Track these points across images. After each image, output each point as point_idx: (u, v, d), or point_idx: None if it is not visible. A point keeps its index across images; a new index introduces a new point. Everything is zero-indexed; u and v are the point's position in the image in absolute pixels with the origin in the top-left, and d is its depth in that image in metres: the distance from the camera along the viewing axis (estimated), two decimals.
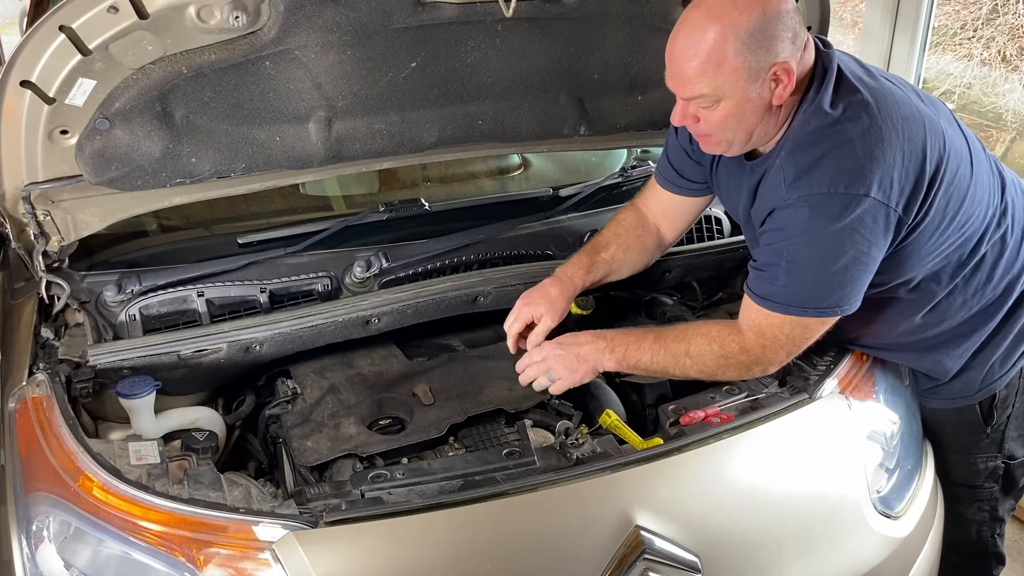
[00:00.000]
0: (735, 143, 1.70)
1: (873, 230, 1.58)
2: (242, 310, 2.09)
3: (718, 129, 1.66)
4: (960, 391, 1.93)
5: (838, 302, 1.65)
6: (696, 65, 1.57)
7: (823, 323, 1.70)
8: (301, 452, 1.83)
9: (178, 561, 1.49)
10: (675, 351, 1.77)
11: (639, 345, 1.80)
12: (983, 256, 1.78)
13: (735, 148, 1.72)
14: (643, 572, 1.56)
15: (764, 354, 1.72)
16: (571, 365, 1.83)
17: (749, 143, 1.70)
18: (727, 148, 1.72)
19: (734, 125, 1.64)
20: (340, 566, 1.51)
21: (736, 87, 1.57)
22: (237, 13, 1.67)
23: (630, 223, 2.08)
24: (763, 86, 1.58)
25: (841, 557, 1.78)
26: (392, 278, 2.19)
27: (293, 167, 2.00)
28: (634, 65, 2.16)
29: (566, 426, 1.96)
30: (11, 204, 1.86)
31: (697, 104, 1.63)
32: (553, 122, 2.18)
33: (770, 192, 1.67)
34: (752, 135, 1.68)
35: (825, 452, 1.82)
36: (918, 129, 1.61)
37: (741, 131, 1.66)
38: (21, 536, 1.55)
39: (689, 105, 1.65)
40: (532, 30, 1.97)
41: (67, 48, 1.61)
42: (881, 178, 1.56)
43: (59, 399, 1.69)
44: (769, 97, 1.60)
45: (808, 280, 1.63)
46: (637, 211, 2.10)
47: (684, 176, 2.01)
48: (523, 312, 1.92)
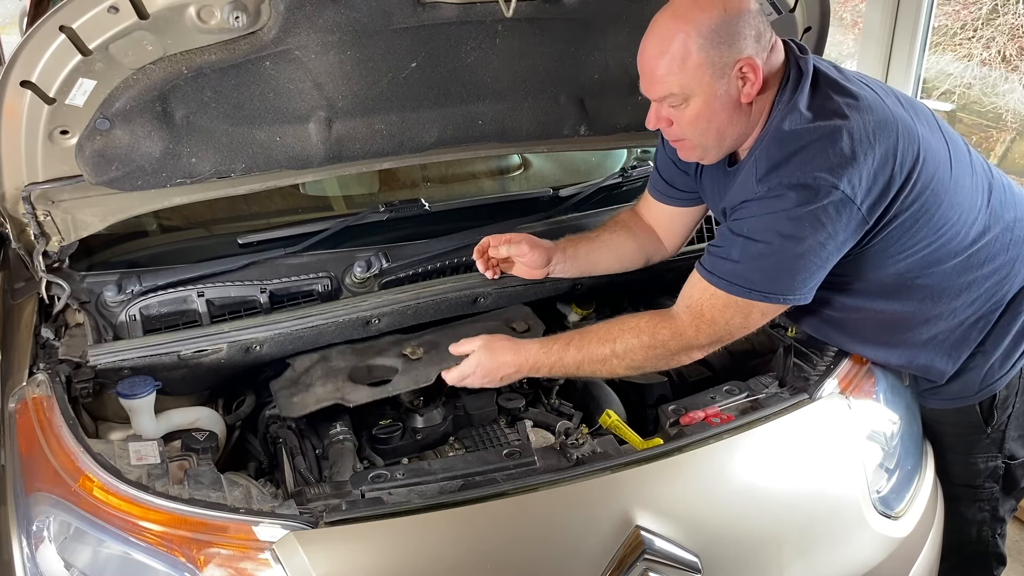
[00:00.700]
0: (709, 148, 1.72)
1: (836, 222, 1.59)
2: (242, 310, 2.09)
3: (690, 130, 1.68)
4: (960, 392, 1.93)
5: (787, 290, 1.65)
6: (663, 64, 1.61)
7: (765, 313, 1.70)
8: (287, 407, 1.83)
9: (178, 561, 1.49)
10: (600, 355, 1.75)
11: (562, 359, 1.77)
12: (969, 259, 1.77)
13: (711, 154, 1.74)
14: (643, 572, 1.56)
15: (696, 337, 1.71)
16: (489, 374, 1.81)
17: (723, 147, 1.73)
18: (703, 154, 1.75)
19: (704, 125, 1.66)
20: (340, 566, 1.51)
21: (702, 84, 1.61)
22: (237, 13, 1.67)
23: (623, 217, 2.12)
24: (730, 83, 1.61)
25: (841, 557, 1.78)
26: (392, 278, 2.19)
27: (293, 167, 2.00)
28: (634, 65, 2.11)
29: (566, 426, 1.96)
30: (11, 204, 1.86)
31: (668, 104, 1.66)
32: (553, 122, 2.18)
33: (741, 187, 1.68)
34: (725, 137, 1.70)
35: (825, 452, 1.82)
36: (891, 133, 1.63)
37: (712, 132, 1.68)
38: (21, 536, 1.55)
39: (662, 107, 1.68)
40: (532, 30, 1.97)
41: (67, 48, 1.61)
42: (850, 176, 1.57)
43: (59, 399, 1.69)
44: (737, 95, 1.63)
45: (761, 259, 1.63)
46: (635, 213, 2.13)
47: (674, 187, 2.03)
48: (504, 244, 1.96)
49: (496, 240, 1.97)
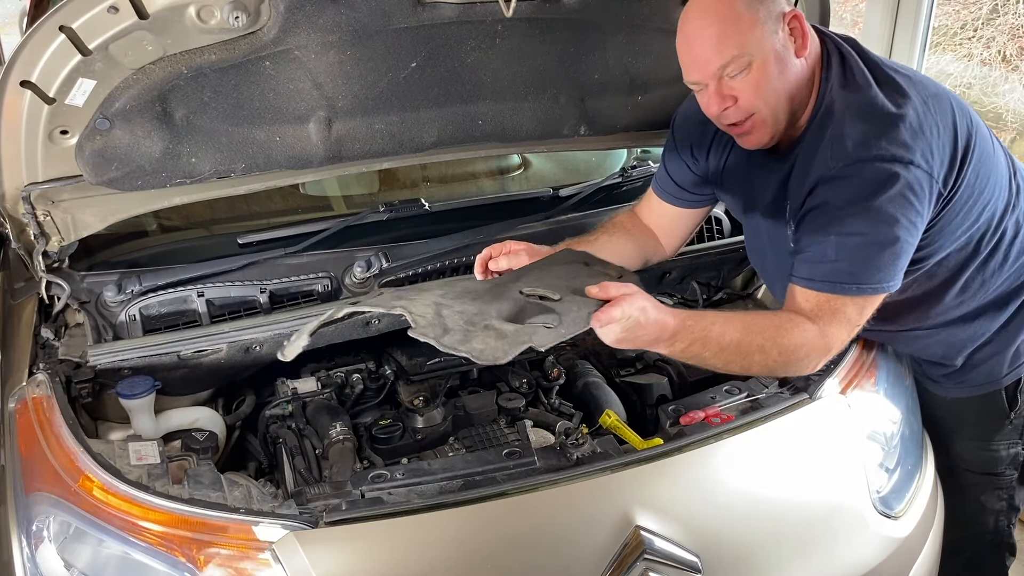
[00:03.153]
0: (779, 117, 1.65)
1: (920, 199, 1.57)
2: (242, 310, 2.09)
3: (758, 97, 1.61)
4: (986, 377, 1.92)
5: (888, 277, 1.60)
6: (716, 33, 1.57)
7: (871, 302, 1.64)
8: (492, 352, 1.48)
9: (178, 561, 1.49)
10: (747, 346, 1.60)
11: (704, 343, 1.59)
12: (1003, 235, 1.77)
13: (779, 126, 1.67)
14: (643, 572, 1.55)
15: (825, 342, 1.62)
16: (638, 333, 1.52)
17: (786, 116, 1.66)
18: (772, 129, 1.67)
19: (770, 88, 1.61)
20: (340, 566, 1.51)
21: (761, 40, 1.57)
22: (237, 13, 1.67)
23: (622, 219, 2.10)
24: (783, 37, 1.59)
25: (841, 557, 1.78)
26: (392, 278, 2.19)
27: (293, 167, 2.00)
28: (634, 65, 2.16)
29: (566, 426, 1.96)
30: (11, 204, 1.86)
31: (729, 76, 1.60)
32: (553, 122, 2.17)
33: (812, 166, 1.63)
34: (792, 102, 1.64)
35: (825, 452, 1.82)
36: (947, 105, 1.63)
37: (780, 96, 1.62)
38: (21, 536, 1.55)
39: (722, 84, 1.61)
40: (532, 30, 1.97)
41: (67, 48, 1.61)
42: (923, 149, 1.56)
43: (59, 399, 1.69)
44: (793, 50, 1.61)
45: (859, 252, 1.58)
46: (632, 213, 2.13)
47: (684, 188, 2.02)
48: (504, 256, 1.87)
49: (496, 252, 1.94)
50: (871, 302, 1.64)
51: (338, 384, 2.13)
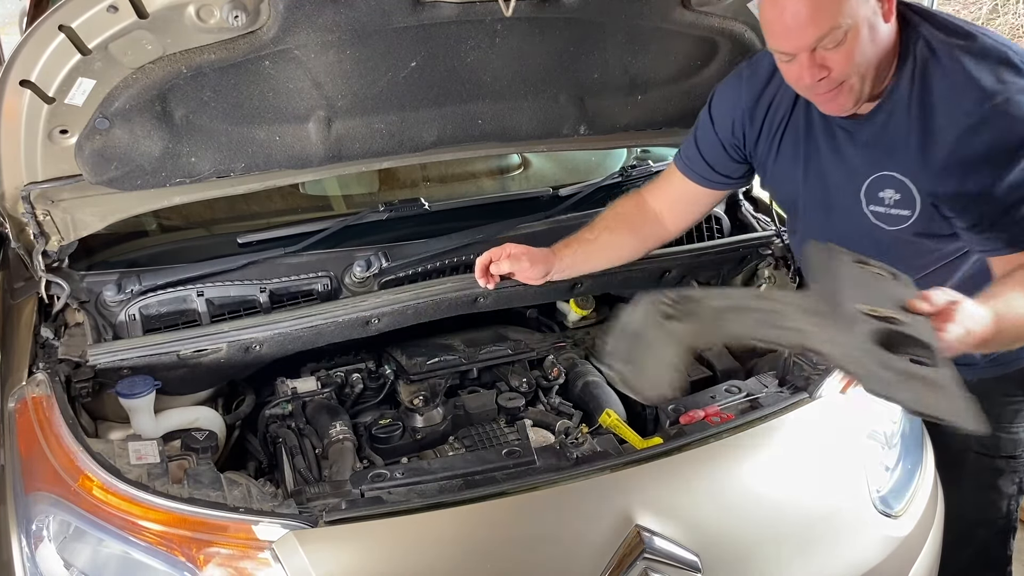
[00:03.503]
0: (867, 81, 1.61)
1: None
2: (242, 310, 2.09)
3: (851, 67, 1.57)
4: (1017, 353, 1.88)
5: None
6: (812, 3, 1.52)
7: None
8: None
9: (178, 560, 1.49)
10: None
11: None
12: None
13: (866, 90, 1.63)
14: (643, 571, 1.55)
15: None
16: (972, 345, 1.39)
17: (876, 78, 1.62)
18: (859, 95, 1.63)
19: (863, 57, 1.57)
20: (340, 565, 1.50)
21: (856, 8, 1.53)
22: (236, 12, 1.67)
23: (625, 210, 2.07)
24: (874, 3, 1.55)
25: (841, 556, 1.78)
26: (392, 278, 2.19)
27: (293, 167, 2.00)
28: (634, 65, 2.16)
29: (566, 425, 1.96)
30: (11, 204, 1.86)
31: (823, 46, 1.55)
32: (553, 122, 2.17)
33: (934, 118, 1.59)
34: (880, 64, 1.60)
35: (825, 451, 1.82)
36: None
37: (872, 63, 1.58)
38: (21, 536, 1.55)
39: (815, 55, 1.57)
40: (532, 30, 1.97)
41: (67, 47, 1.61)
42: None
43: (59, 399, 1.69)
44: (881, 16, 1.57)
45: None
46: (638, 199, 2.08)
47: (715, 169, 1.97)
48: (505, 260, 1.91)
49: (497, 255, 1.93)
50: None
51: (338, 384, 2.13)
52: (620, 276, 2.26)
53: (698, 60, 2.17)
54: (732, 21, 2.06)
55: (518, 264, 1.91)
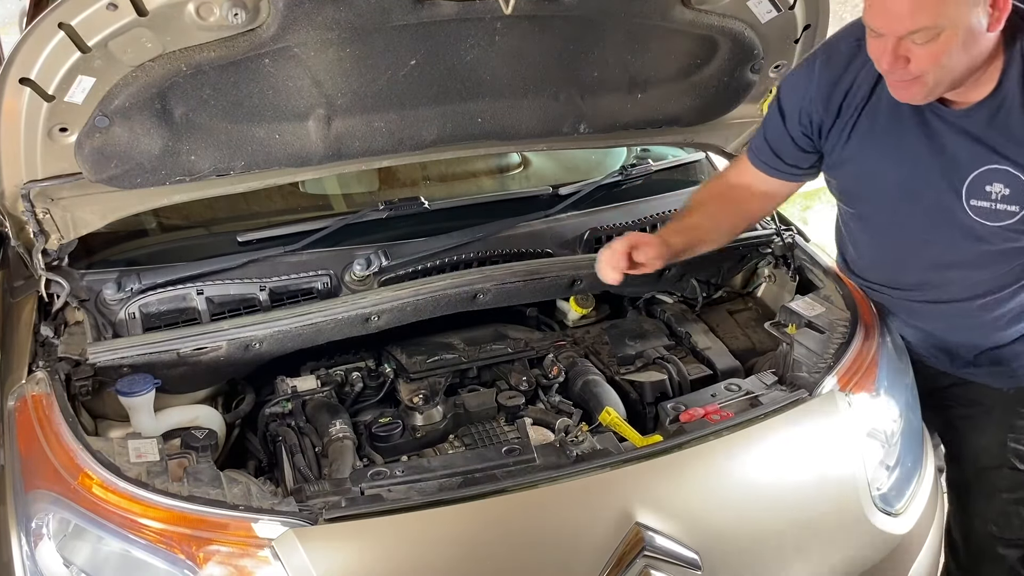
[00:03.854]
0: (942, 83, 1.59)
1: None
2: (242, 308, 2.09)
3: (932, 66, 1.55)
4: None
5: None
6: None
7: None
8: None
9: (178, 558, 1.49)
10: None
11: None
12: None
13: (937, 91, 1.61)
14: (643, 569, 1.55)
15: None
16: None
17: (955, 82, 1.60)
18: (928, 93, 1.61)
19: (949, 60, 1.54)
20: (340, 563, 1.51)
21: (959, 14, 1.49)
22: (236, 10, 1.67)
23: (718, 191, 2.05)
24: (982, 10, 1.50)
25: (841, 554, 1.78)
26: (392, 276, 2.19)
27: (293, 165, 2.00)
28: (634, 63, 2.15)
29: (566, 424, 1.96)
30: (10, 202, 1.86)
31: (912, 40, 1.52)
32: (553, 120, 2.17)
33: None
34: (966, 70, 1.58)
35: (825, 449, 1.81)
36: None
37: (955, 67, 1.56)
38: (21, 534, 1.55)
39: (901, 44, 1.53)
40: (531, 28, 1.97)
41: (66, 45, 1.61)
42: None
43: (59, 397, 1.69)
44: (986, 24, 1.52)
45: None
46: (726, 182, 2.07)
47: (782, 158, 1.94)
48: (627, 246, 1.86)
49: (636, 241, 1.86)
50: None
51: (338, 382, 2.13)
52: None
53: (698, 58, 2.17)
54: (732, 19, 2.06)
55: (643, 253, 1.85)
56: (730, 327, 2.37)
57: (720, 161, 2.64)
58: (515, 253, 2.30)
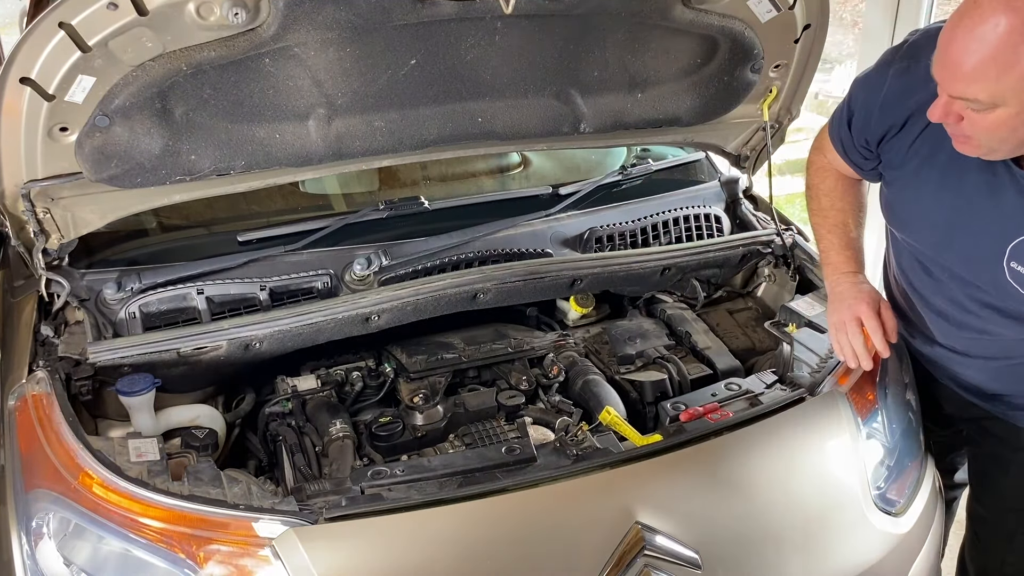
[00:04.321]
0: (998, 150, 1.50)
1: None
2: (242, 308, 2.09)
3: (984, 135, 1.45)
4: None
5: None
6: (977, 63, 1.35)
7: None
8: None
9: (178, 558, 1.49)
10: None
11: None
12: None
13: (998, 154, 1.51)
14: (643, 568, 1.56)
15: None
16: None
17: (1016, 152, 1.50)
18: (987, 152, 1.51)
19: (1006, 135, 1.43)
20: (340, 562, 1.51)
21: (1019, 95, 1.36)
22: (236, 10, 1.67)
23: (840, 186, 1.93)
24: None
25: (841, 554, 1.78)
26: (392, 276, 2.19)
27: (293, 165, 2.00)
28: (634, 63, 2.16)
29: (566, 423, 1.96)
30: (11, 202, 1.86)
31: (966, 105, 1.42)
32: (553, 120, 2.17)
33: None
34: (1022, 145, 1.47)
35: (825, 449, 1.82)
36: None
37: (1012, 141, 1.45)
38: (21, 533, 1.55)
39: (955, 103, 1.44)
40: (532, 27, 1.97)
41: (66, 45, 1.61)
42: None
43: (59, 396, 1.69)
44: None
45: None
46: (832, 172, 1.95)
47: (850, 157, 1.85)
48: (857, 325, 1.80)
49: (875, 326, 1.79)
50: None
51: (338, 382, 2.13)
52: (620, 273, 2.26)
53: (698, 58, 2.17)
54: (732, 19, 2.06)
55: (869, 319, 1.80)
56: (730, 327, 2.37)
57: (720, 161, 2.64)
58: (515, 253, 2.30)
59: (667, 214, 2.50)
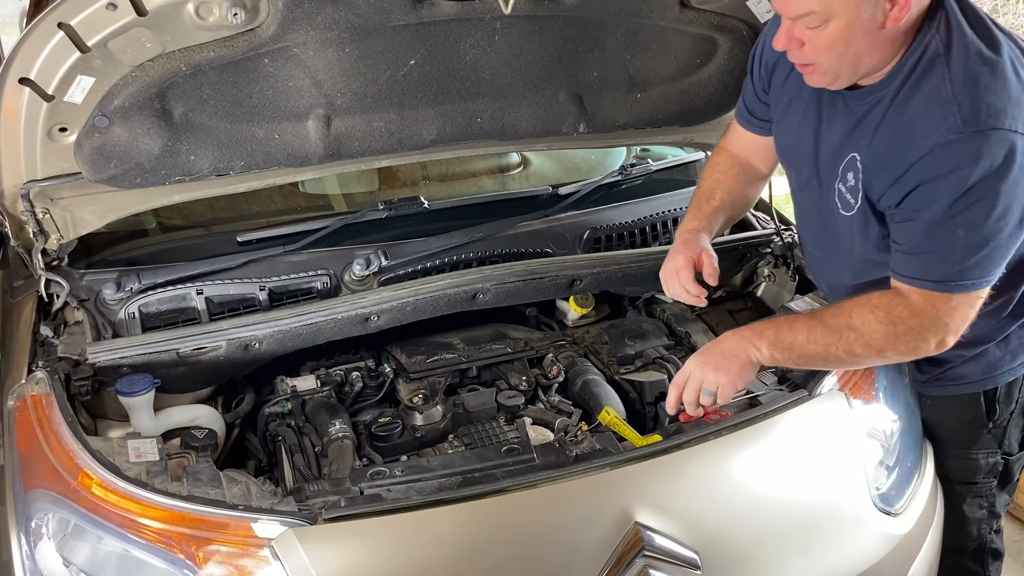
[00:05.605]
0: (842, 74, 1.58)
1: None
2: (241, 308, 2.09)
3: (824, 55, 1.54)
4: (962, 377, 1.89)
5: (1000, 267, 1.55)
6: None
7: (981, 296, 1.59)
8: None
9: (177, 558, 1.49)
10: (835, 325, 1.63)
11: (791, 326, 1.68)
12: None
13: (842, 80, 1.60)
14: (642, 568, 1.55)
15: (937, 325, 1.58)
16: (719, 365, 1.71)
17: (857, 74, 1.58)
18: (833, 80, 1.60)
19: (841, 50, 1.52)
20: (339, 563, 1.50)
21: (847, 4, 1.46)
22: (235, 10, 1.67)
23: (725, 164, 2.02)
24: (876, 6, 1.46)
25: (841, 554, 1.78)
26: (391, 276, 2.19)
27: (292, 165, 2.00)
28: (633, 63, 2.16)
29: (565, 423, 1.96)
30: (10, 202, 1.87)
31: (804, 24, 1.51)
32: (552, 120, 2.17)
33: (912, 126, 1.53)
34: (861, 63, 1.55)
35: (825, 449, 1.82)
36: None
37: (848, 58, 1.54)
38: (20, 533, 1.55)
39: (795, 26, 1.53)
40: (531, 27, 1.97)
41: (66, 45, 1.61)
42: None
43: (58, 397, 1.69)
44: (882, 19, 1.47)
45: (987, 244, 1.50)
46: (726, 152, 2.04)
47: (754, 114, 1.95)
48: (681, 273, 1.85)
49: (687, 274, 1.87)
50: (982, 294, 1.59)
51: (337, 382, 2.13)
52: (620, 273, 2.26)
53: (698, 58, 2.17)
54: (731, 19, 2.06)
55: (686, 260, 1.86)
56: (730, 327, 2.36)
57: None
58: (515, 253, 2.30)
59: (667, 214, 2.50)
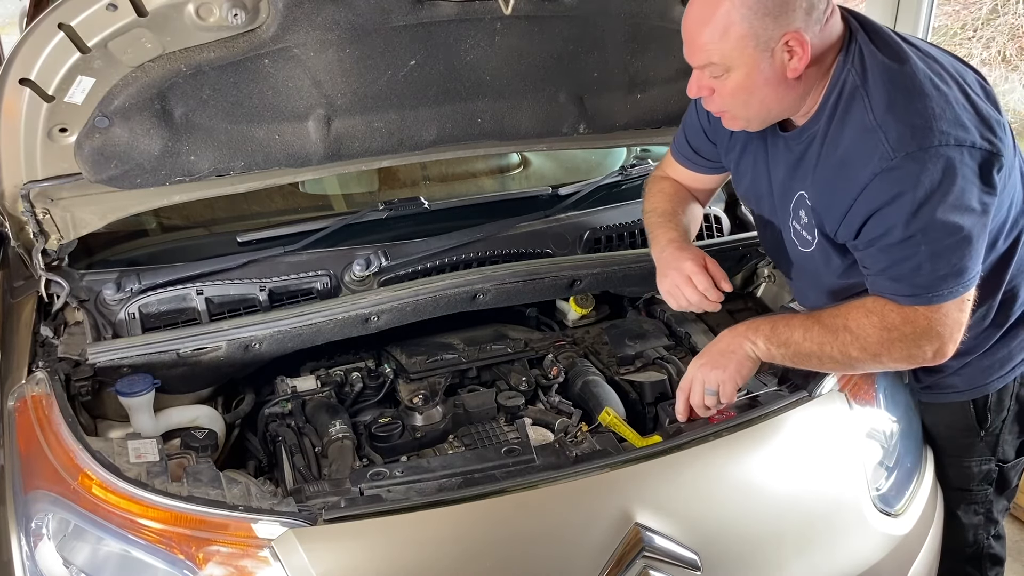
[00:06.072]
0: (752, 119, 1.66)
1: (988, 177, 1.52)
2: (241, 308, 2.09)
3: (730, 102, 1.61)
4: (950, 387, 1.91)
5: (976, 266, 1.56)
6: (705, 32, 1.53)
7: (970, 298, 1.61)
8: None
9: (177, 559, 1.48)
10: (832, 325, 1.65)
11: (788, 322, 1.71)
12: (1014, 242, 1.72)
13: (754, 124, 1.68)
14: (642, 569, 1.55)
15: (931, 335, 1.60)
16: (717, 363, 1.75)
17: (769, 118, 1.66)
18: (746, 124, 1.68)
19: (745, 98, 1.59)
20: (339, 563, 1.50)
21: (744, 56, 1.52)
22: (236, 11, 1.67)
23: (672, 189, 2.04)
24: (774, 57, 1.52)
25: (840, 555, 1.78)
26: (391, 276, 2.19)
27: (292, 165, 2.00)
28: (633, 63, 2.16)
29: (565, 424, 1.96)
30: (10, 202, 1.87)
31: (709, 74, 1.58)
32: (552, 120, 2.18)
33: (848, 160, 1.57)
34: (770, 109, 1.63)
35: (825, 450, 1.81)
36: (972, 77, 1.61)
37: (755, 105, 1.61)
38: (20, 534, 1.55)
39: (703, 76, 1.60)
40: (531, 28, 1.97)
41: (66, 46, 1.61)
42: (977, 126, 1.51)
43: (58, 397, 1.69)
44: (782, 69, 1.54)
45: (954, 251, 1.53)
46: (669, 180, 2.08)
47: (699, 154, 1.98)
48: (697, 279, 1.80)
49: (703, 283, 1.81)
50: (971, 295, 1.61)
51: (337, 382, 2.13)
52: (620, 274, 2.26)
53: None
54: None
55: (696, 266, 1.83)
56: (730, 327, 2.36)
57: None
58: (515, 253, 2.30)
59: None
